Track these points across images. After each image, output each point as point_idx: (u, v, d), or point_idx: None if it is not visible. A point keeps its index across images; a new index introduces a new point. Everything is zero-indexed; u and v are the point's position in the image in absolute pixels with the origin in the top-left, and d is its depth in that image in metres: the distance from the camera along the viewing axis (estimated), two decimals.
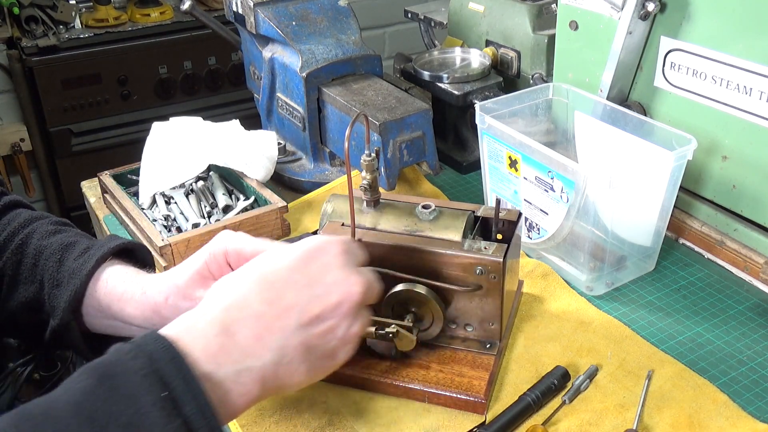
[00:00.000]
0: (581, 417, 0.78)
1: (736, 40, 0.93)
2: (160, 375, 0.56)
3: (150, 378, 0.56)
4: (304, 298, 0.66)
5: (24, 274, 0.85)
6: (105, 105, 2.43)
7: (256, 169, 1.16)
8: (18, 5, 2.28)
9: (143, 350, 0.58)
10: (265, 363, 0.63)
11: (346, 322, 0.68)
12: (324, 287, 0.67)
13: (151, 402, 0.55)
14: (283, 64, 1.24)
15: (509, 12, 1.32)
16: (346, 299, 0.68)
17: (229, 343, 0.62)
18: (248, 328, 0.63)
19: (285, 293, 0.66)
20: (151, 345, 0.58)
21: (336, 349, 0.68)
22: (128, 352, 0.58)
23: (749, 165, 0.96)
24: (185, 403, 0.56)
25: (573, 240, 0.97)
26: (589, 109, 1.06)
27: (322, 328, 0.67)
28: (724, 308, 0.95)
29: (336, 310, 0.67)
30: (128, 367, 0.56)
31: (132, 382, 0.55)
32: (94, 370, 0.57)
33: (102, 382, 0.55)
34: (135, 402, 0.55)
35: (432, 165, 1.15)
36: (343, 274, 0.69)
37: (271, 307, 0.64)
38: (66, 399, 0.55)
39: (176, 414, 0.55)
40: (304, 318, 0.65)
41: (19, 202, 0.94)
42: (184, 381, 0.57)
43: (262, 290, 0.65)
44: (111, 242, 0.84)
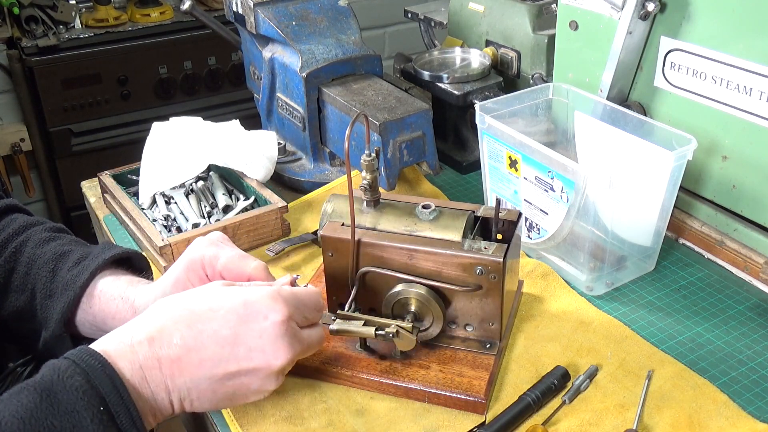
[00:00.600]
0: (581, 417, 0.78)
1: (736, 40, 0.93)
2: (96, 391, 0.62)
3: (88, 394, 0.61)
4: (224, 354, 0.69)
5: (15, 282, 0.85)
6: (105, 105, 2.43)
7: (256, 169, 1.16)
8: (18, 5, 2.27)
9: (80, 368, 0.63)
10: (172, 400, 0.68)
11: (260, 382, 0.71)
12: (246, 350, 0.69)
13: (89, 416, 0.60)
14: (283, 64, 1.24)
15: (509, 12, 1.32)
16: (265, 368, 0.70)
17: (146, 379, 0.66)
18: (162, 369, 0.67)
19: (206, 344, 0.68)
20: (86, 361, 0.63)
21: (247, 394, 0.72)
22: (66, 370, 0.62)
23: (749, 165, 0.96)
24: (119, 415, 0.62)
25: (573, 240, 0.97)
26: (589, 109, 1.06)
27: (234, 383, 0.70)
28: (724, 308, 0.95)
29: (251, 374, 0.70)
30: (67, 385, 0.61)
31: (72, 399, 0.60)
32: (35, 387, 0.61)
33: (44, 399, 0.60)
34: (75, 417, 0.60)
35: (432, 165, 1.15)
36: (271, 344, 0.70)
37: (188, 353, 0.68)
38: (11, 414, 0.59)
39: (111, 425, 0.62)
40: (216, 373, 0.69)
41: (15, 207, 0.93)
42: (118, 395, 0.63)
43: (186, 334, 0.68)
44: (105, 253, 0.84)
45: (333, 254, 0.85)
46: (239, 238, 1.07)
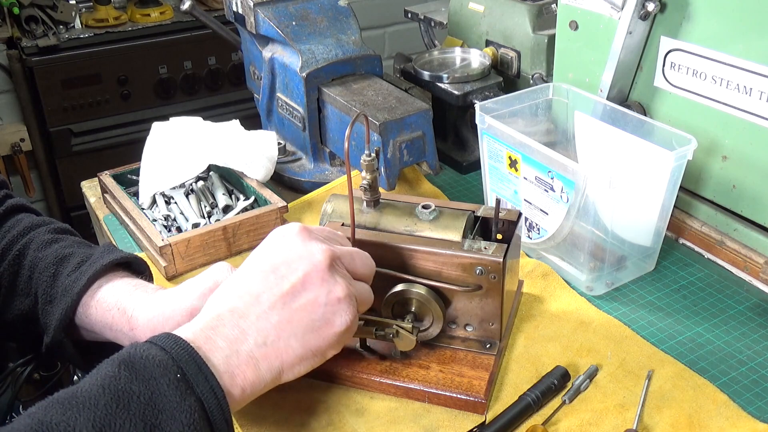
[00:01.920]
0: (581, 417, 0.78)
1: (736, 40, 0.93)
2: (174, 360, 0.62)
3: (165, 363, 0.62)
4: (271, 281, 0.70)
5: (20, 286, 0.84)
6: (105, 105, 2.44)
7: (256, 169, 1.16)
8: (18, 5, 2.28)
9: (156, 343, 0.64)
10: (250, 347, 0.67)
11: (323, 289, 0.70)
12: (287, 266, 0.71)
13: (166, 383, 0.60)
14: (283, 64, 1.24)
15: (509, 12, 1.32)
16: (312, 269, 0.71)
17: (215, 335, 0.67)
18: (227, 321, 0.68)
19: (252, 284, 0.70)
20: (162, 338, 0.65)
21: (326, 316, 0.71)
22: (143, 345, 0.64)
23: (749, 165, 0.96)
24: (198, 384, 0.62)
25: (573, 240, 0.98)
26: (589, 109, 1.06)
27: (300, 302, 0.70)
28: (724, 308, 0.95)
29: (306, 282, 0.70)
30: (145, 355, 0.62)
31: (149, 367, 0.61)
32: (113, 360, 0.62)
33: (122, 368, 0.61)
34: (153, 383, 0.60)
35: (432, 165, 1.15)
36: (304, 248, 0.72)
37: (241, 299, 0.69)
38: (90, 382, 0.60)
39: (190, 393, 0.61)
40: (274, 298, 0.69)
41: (22, 206, 0.93)
42: (196, 365, 0.63)
43: (234, 288, 0.71)
44: (104, 257, 0.83)
45: None
46: (239, 238, 1.07)
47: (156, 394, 0.60)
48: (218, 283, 0.79)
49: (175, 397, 0.60)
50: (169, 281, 1.02)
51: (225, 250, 1.06)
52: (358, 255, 0.77)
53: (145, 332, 0.78)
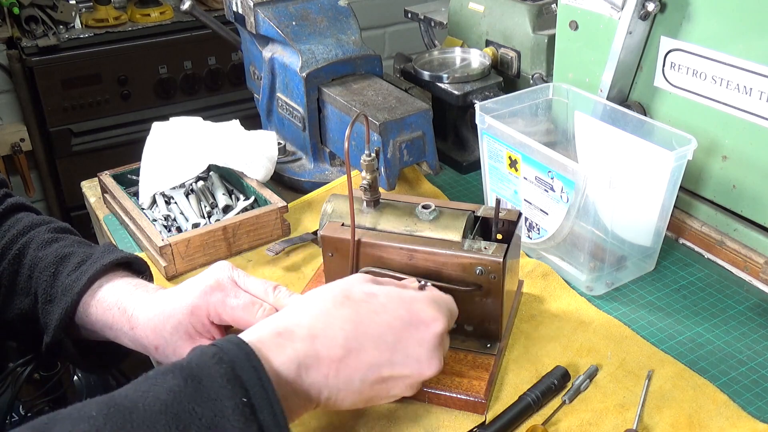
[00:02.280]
0: (581, 417, 0.78)
1: (736, 40, 0.93)
2: (241, 381, 0.59)
3: (232, 383, 0.59)
4: (383, 359, 0.69)
5: (20, 285, 0.84)
6: (105, 105, 2.44)
7: (256, 169, 1.16)
8: (18, 5, 2.28)
9: (227, 355, 0.61)
10: (320, 397, 0.67)
11: (402, 388, 0.71)
12: (404, 357, 0.70)
13: (232, 406, 0.58)
14: (283, 64, 1.24)
15: (509, 12, 1.32)
16: (416, 376, 0.71)
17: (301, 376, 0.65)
18: (321, 368, 0.66)
19: (368, 348, 0.68)
20: (233, 351, 0.62)
21: (381, 399, 0.72)
22: (212, 356, 0.61)
23: (749, 165, 0.96)
24: (262, 410, 0.59)
25: (573, 240, 0.97)
26: (589, 109, 1.06)
27: (381, 386, 0.70)
28: (724, 308, 0.95)
29: (401, 381, 0.70)
30: (213, 371, 0.59)
31: (215, 386, 0.59)
32: (180, 370, 0.60)
33: (188, 383, 0.58)
34: (217, 405, 0.58)
35: (432, 165, 1.15)
36: (428, 354, 0.71)
37: (349, 355, 0.67)
38: (154, 395, 0.58)
39: (253, 419, 0.59)
40: (370, 376, 0.68)
41: (22, 205, 0.93)
42: (263, 389, 0.60)
43: (351, 336, 0.68)
44: (105, 257, 0.83)
45: (333, 254, 0.85)
46: (239, 238, 1.07)
47: (219, 417, 0.58)
48: (219, 281, 0.79)
49: (238, 423, 0.58)
50: (169, 281, 1.02)
51: (225, 250, 1.06)
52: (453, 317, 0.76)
53: (146, 331, 0.78)
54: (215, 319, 0.78)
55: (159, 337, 0.77)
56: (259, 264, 1.05)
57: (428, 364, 0.71)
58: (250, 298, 0.78)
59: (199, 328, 0.78)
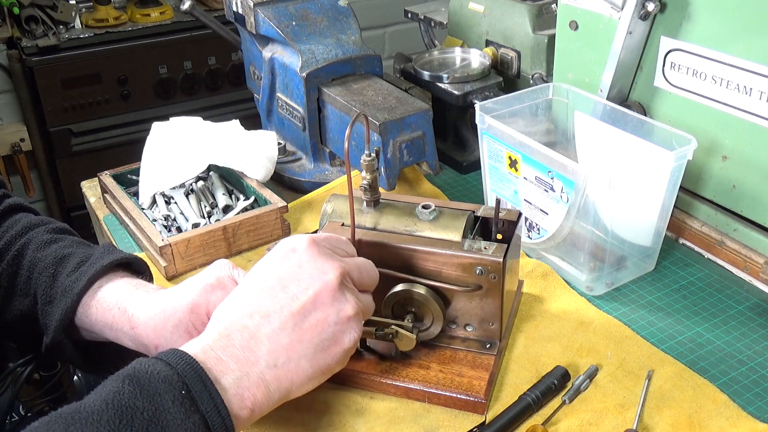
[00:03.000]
0: (581, 417, 0.78)
1: (736, 40, 0.93)
2: (179, 376, 0.62)
3: (170, 379, 0.61)
4: (281, 300, 0.69)
5: (19, 286, 0.84)
6: (105, 105, 2.44)
7: (256, 169, 1.16)
8: (18, 5, 2.28)
9: (162, 359, 0.63)
10: (261, 369, 0.67)
11: (333, 308, 0.70)
12: (297, 284, 0.70)
13: (171, 399, 0.60)
14: (283, 64, 1.24)
15: (509, 12, 1.32)
16: (323, 288, 0.70)
17: (226, 356, 0.66)
18: (238, 342, 0.67)
19: (261, 301, 0.69)
20: (169, 355, 0.64)
21: (336, 335, 0.70)
22: (149, 361, 0.63)
23: (749, 165, 0.96)
24: (202, 401, 0.61)
25: (573, 240, 0.97)
26: (589, 109, 1.06)
27: (310, 321, 0.69)
28: (724, 308, 0.95)
29: (317, 302, 0.69)
30: (151, 371, 0.62)
31: (154, 382, 0.61)
32: (119, 375, 0.62)
33: (126, 383, 0.60)
34: (157, 399, 0.60)
35: (432, 165, 1.15)
36: (314, 265, 0.71)
37: (251, 318, 0.68)
38: (95, 398, 0.60)
39: (194, 410, 0.61)
40: (284, 318, 0.68)
41: (20, 206, 0.93)
42: (201, 382, 0.62)
43: (243, 305, 0.69)
44: (104, 258, 0.83)
45: None
46: (239, 238, 1.07)
47: (160, 410, 0.59)
48: (220, 280, 0.79)
49: (180, 414, 0.60)
50: (169, 281, 1.02)
51: (225, 250, 1.06)
52: (365, 267, 0.76)
53: (146, 330, 0.78)
54: None
55: (159, 336, 0.77)
56: None
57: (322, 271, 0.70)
58: None
59: (199, 326, 0.78)
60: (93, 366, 0.87)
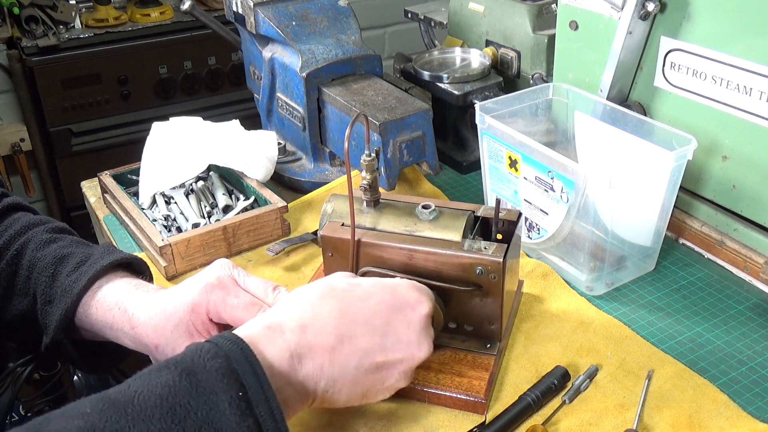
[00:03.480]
0: (581, 417, 0.78)
1: (736, 40, 0.93)
2: (236, 376, 0.60)
3: (228, 378, 0.59)
4: (374, 345, 0.70)
5: (18, 286, 0.84)
6: (105, 105, 2.43)
7: (256, 169, 1.16)
8: (18, 5, 2.27)
9: (222, 350, 0.61)
10: (317, 390, 0.67)
11: (396, 377, 0.72)
12: (395, 340, 0.71)
13: (227, 400, 0.58)
14: (283, 64, 1.24)
15: (509, 12, 1.32)
16: (409, 360, 0.72)
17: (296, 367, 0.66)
18: (315, 357, 0.67)
19: (359, 335, 0.69)
20: (228, 346, 0.62)
21: (378, 393, 0.72)
22: (207, 351, 0.61)
23: (749, 165, 0.96)
24: (258, 404, 0.59)
25: (573, 240, 0.97)
26: (589, 109, 1.06)
27: (376, 376, 0.70)
28: (724, 308, 0.95)
29: (395, 366, 0.71)
30: (208, 366, 0.60)
31: (211, 380, 0.59)
32: (175, 365, 0.60)
33: (182, 378, 0.59)
34: (213, 399, 0.58)
35: (432, 165, 1.15)
36: (417, 336, 0.72)
37: (341, 344, 0.68)
38: (149, 390, 0.58)
39: (249, 413, 0.59)
40: (365, 363, 0.69)
41: (18, 205, 0.93)
42: (258, 383, 0.60)
43: (341, 323, 0.69)
44: (104, 258, 0.82)
45: (333, 254, 0.85)
46: (239, 238, 1.07)
47: (214, 411, 0.58)
48: (221, 279, 0.79)
49: (234, 417, 0.58)
50: (169, 281, 1.02)
51: (225, 250, 1.06)
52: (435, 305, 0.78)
53: (147, 330, 0.78)
54: (214, 317, 0.78)
55: (160, 335, 0.77)
56: (259, 264, 1.05)
57: (418, 347, 0.72)
58: (251, 298, 0.78)
59: (199, 326, 0.78)
60: (93, 366, 0.87)
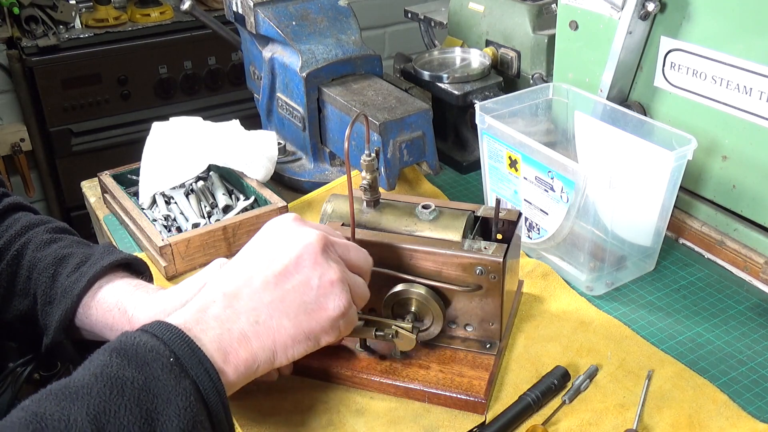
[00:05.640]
0: (581, 417, 0.78)
1: (736, 40, 0.93)
2: (166, 345, 0.62)
3: (157, 348, 0.62)
4: (264, 262, 0.71)
5: (19, 286, 0.84)
6: (105, 105, 2.44)
7: (256, 169, 1.16)
8: (18, 5, 2.28)
9: (146, 330, 0.64)
10: (241, 325, 0.68)
11: (315, 271, 0.71)
12: (280, 248, 0.72)
13: (160, 367, 0.60)
14: (283, 64, 1.24)
15: (509, 12, 1.32)
16: (305, 251, 0.71)
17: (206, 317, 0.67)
18: (219, 304, 0.68)
19: (245, 266, 0.71)
20: (153, 326, 0.65)
21: (319, 299, 0.71)
22: (134, 333, 0.64)
23: (749, 165, 0.96)
24: (192, 367, 0.62)
25: (573, 240, 0.98)
26: (589, 109, 1.06)
27: (293, 283, 0.70)
28: (724, 308, 0.95)
29: (299, 263, 0.71)
30: (137, 342, 0.62)
31: (141, 353, 0.61)
32: (105, 349, 0.62)
33: (114, 356, 0.61)
34: (147, 368, 0.60)
35: (432, 165, 1.15)
36: (297, 232, 0.73)
37: (234, 280, 0.70)
38: (83, 372, 0.60)
39: (184, 376, 0.61)
40: (267, 277, 0.70)
41: (19, 205, 0.93)
42: (189, 348, 0.63)
43: (226, 273, 0.71)
44: (104, 258, 0.83)
45: None
46: (239, 238, 1.07)
47: (150, 378, 0.60)
48: None
49: (170, 381, 0.60)
50: (169, 281, 1.02)
51: (225, 250, 1.06)
52: (353, 247, 0.77)
53: None
54: None
55: None
56: None
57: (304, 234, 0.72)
58: None
59: None
60: None
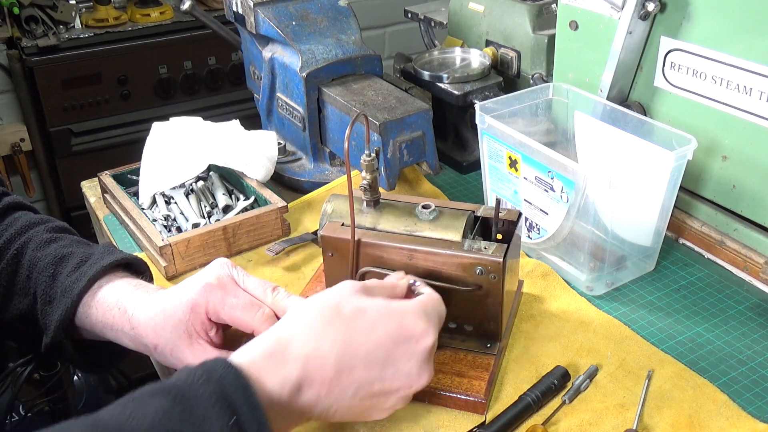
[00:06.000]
0: (581, 417, 0.78)
1: (736, 40, 0.93)
2: (229, 402, 0.60)
3: (220, 404, 0.59)
4: (373, 375, 0.69)
5: (18, 285, 0.84)
6: (105, 105, 2.43)
7: (256, 169, 1.16)
8: (18, 5, 2.27)
9: (213, 376, 0.61)
10: (312, 415, 0.68)
11: (394, 402, 0.71)
12: (394, 372, 0.70)
13: (219, 427, 0.58)
14: (283, 64, 1.24)
15: (509, 12, 1.32)
16: (406, 388, 0.71)
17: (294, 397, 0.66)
18: (313, 387, 0.67)
19: (359, 366, 0.68)
20: (221, 371, 0.62)
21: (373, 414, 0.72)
22: (200, 377, 0.61)
23: (749, 165, 0.96)
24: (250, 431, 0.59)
25: (573, 240, 0.97)
26: (589, 109, 1.06)
27: (373, 401, 0.70)
28: (724, 308, 0.95)
29: (392, 394, 0.70)
30: (200, 392, 0.59)
31: (204, 407, 0.58)
32: (168, 391, 0.59)
33: (175, 404, 0.58)
34: (206, 425, 0.58)
35: (432, 165, 1.15)
36: (418, 367, 0.71)
37: (341, 375, 0.67)
38: (141, 415, 0.57)
39: None
40: (361, 392, 0.69)
41: (19, 204, 0.93)
42: (251, 409, 0.60)
43: (342, 356, 0.68)
44: (105, 258, 0.82)
45: (333, 254, 0.85)
46: (239, 238, 1.07)
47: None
48: (219, 279, 0.79)
49: None
50: (169, 281, 1.02)
51: (225, 250, 1.06)
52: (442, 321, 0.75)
53: (146, 330, 0.78)
54: (213, 316, 0.78)
55: (159, 336, 0.77)
56: (259, 264, 1.05)
57: (418, 377, 0.71)
58: (250, 298, 0.78)
59: (198, 326, 0.78)
60: (93, 366, 0.87)
